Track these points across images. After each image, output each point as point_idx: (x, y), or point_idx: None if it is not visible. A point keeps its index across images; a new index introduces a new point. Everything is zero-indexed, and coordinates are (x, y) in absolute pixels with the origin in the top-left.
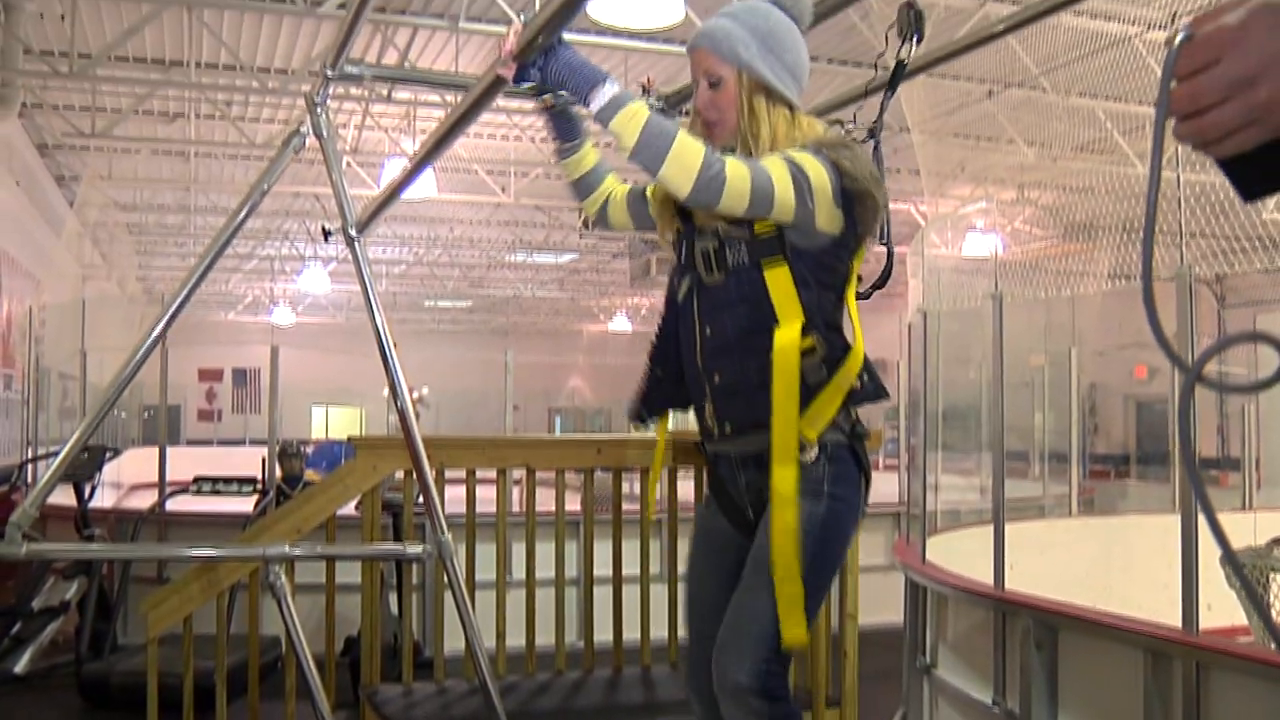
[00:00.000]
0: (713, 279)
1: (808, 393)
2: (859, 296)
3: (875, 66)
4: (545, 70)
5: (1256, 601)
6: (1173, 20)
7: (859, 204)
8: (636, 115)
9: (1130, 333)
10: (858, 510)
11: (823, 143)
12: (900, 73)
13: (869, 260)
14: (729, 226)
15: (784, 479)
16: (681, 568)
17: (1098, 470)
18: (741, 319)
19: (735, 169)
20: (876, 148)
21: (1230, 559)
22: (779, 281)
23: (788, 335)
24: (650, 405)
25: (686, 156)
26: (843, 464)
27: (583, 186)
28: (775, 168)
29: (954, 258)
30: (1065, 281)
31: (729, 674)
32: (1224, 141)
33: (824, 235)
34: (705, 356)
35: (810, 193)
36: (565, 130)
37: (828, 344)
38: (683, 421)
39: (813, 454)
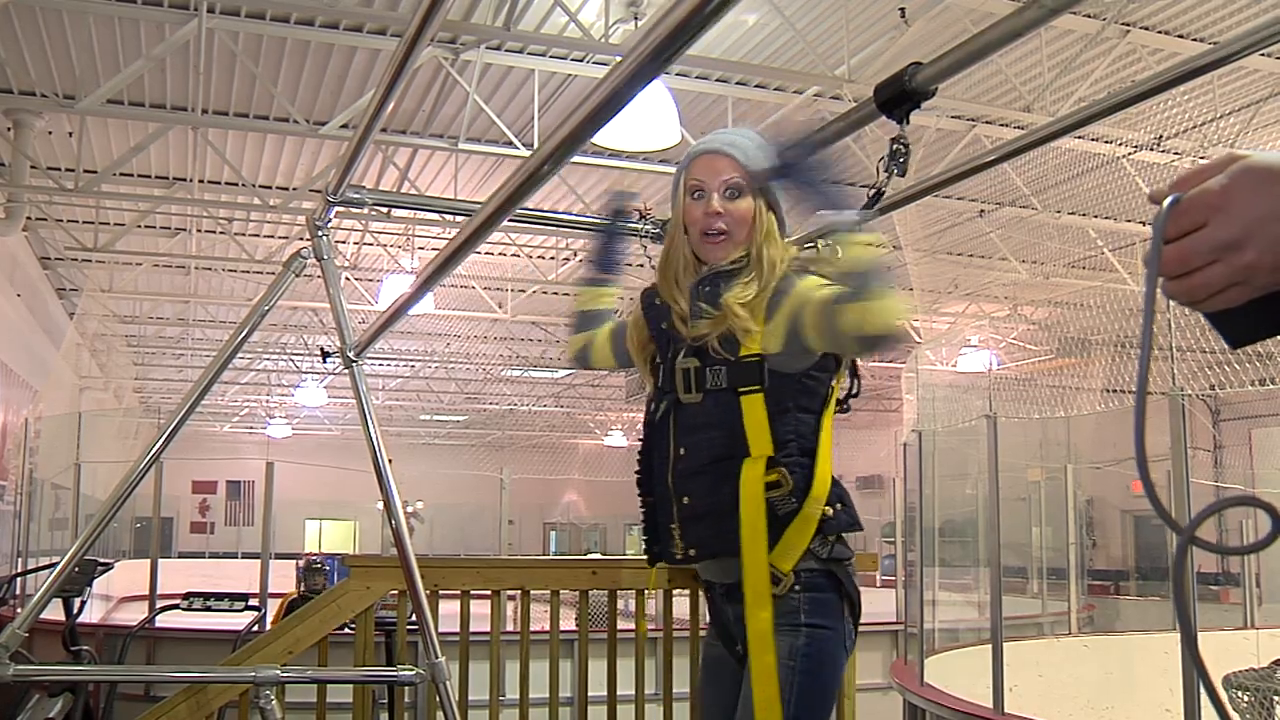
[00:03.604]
0: (690, 398)
1: (778, 524)
2: (837, 411)
3: (867, 191)
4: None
5: None
6: (1159, 142)
7: None
8: (879, 246)
9: (1126, 448)
10: (844, 637)
11: (806, 262)
12: (877, 200)
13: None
14: (716, 346)
15: (760, 620)
16: (677, 688)
17: (1097, 586)
18: (716, 443)
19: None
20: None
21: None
22: (754, 410)
23: (753, 470)
24: (659, 529)
25: (897, 307)
26: (819, 591)
27: (586, 320)
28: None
29: (949, 374)
30: (1060, 396)
31: None
32: (1211, 300)
33: (809, 355)
34: (676, 477)
35: (801, 323)
36: (609, 264)
37: (797, 475)
38: None
39: (786, 586)
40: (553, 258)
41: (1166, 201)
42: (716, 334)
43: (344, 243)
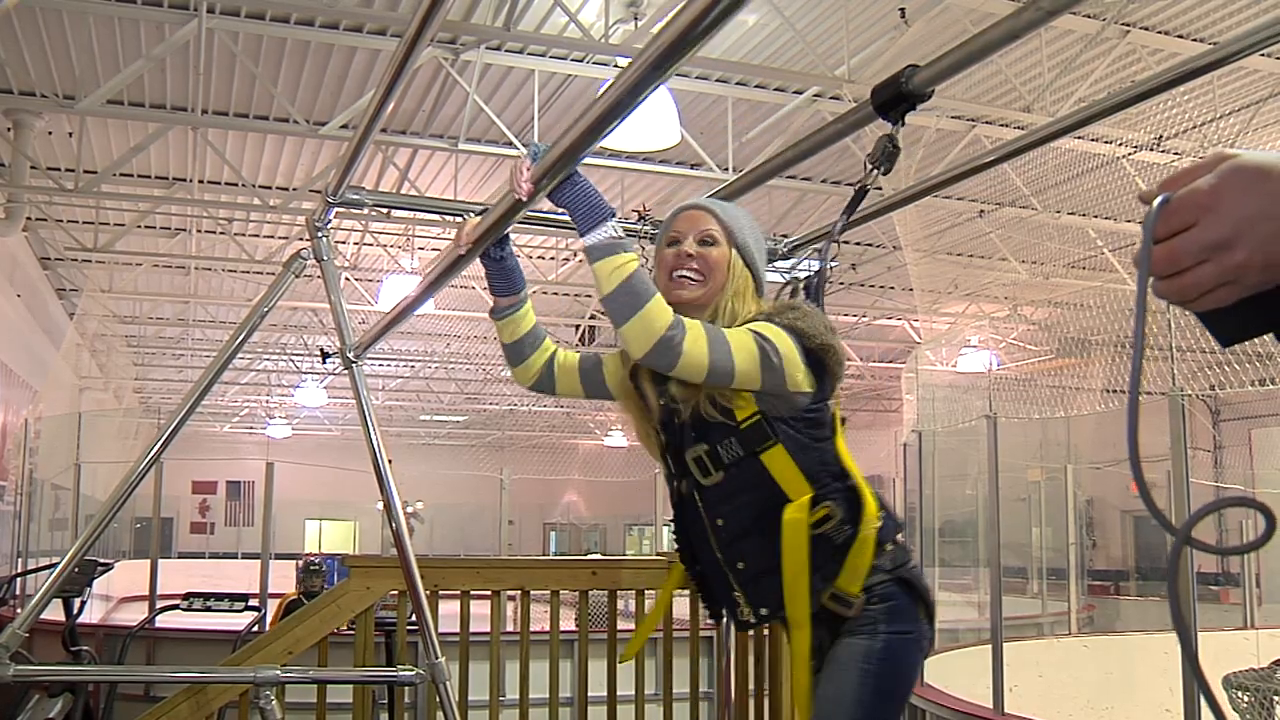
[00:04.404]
0: (712, 479)
1: (840, 554)
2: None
3: (853, 190)
4: (556, 194)
5: None
6: (1159, 143)
7: (825, 356)
8: (625, 265)
9: (1125, 448)
10: (921, 639)
11: (772, 313)
12: (859, 199)
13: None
14: (710, 410)
15: (801, 640)
16: (677, 689)
17: (1096, 586)
18: (753, 505)
19: (695, 343)
20: (822, 268)
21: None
22: (778, 462)
23: (795, 513)
24: (719, 596)
25: (654, 320)
26: (895, 599)
27: (518, 350)
28: (736, 338)
29: (949, 374)
30: (1060, 396)
31: None
32: (1202, 299)
33: (802, 395)
34: (723, 546)
35: (778, 356)
36: (506, 285)
37: (843, 502)
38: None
39: (859, 605)
40: (552, 258)
41: (1156, 201)
42: (696, 399)
43: (344, 243)
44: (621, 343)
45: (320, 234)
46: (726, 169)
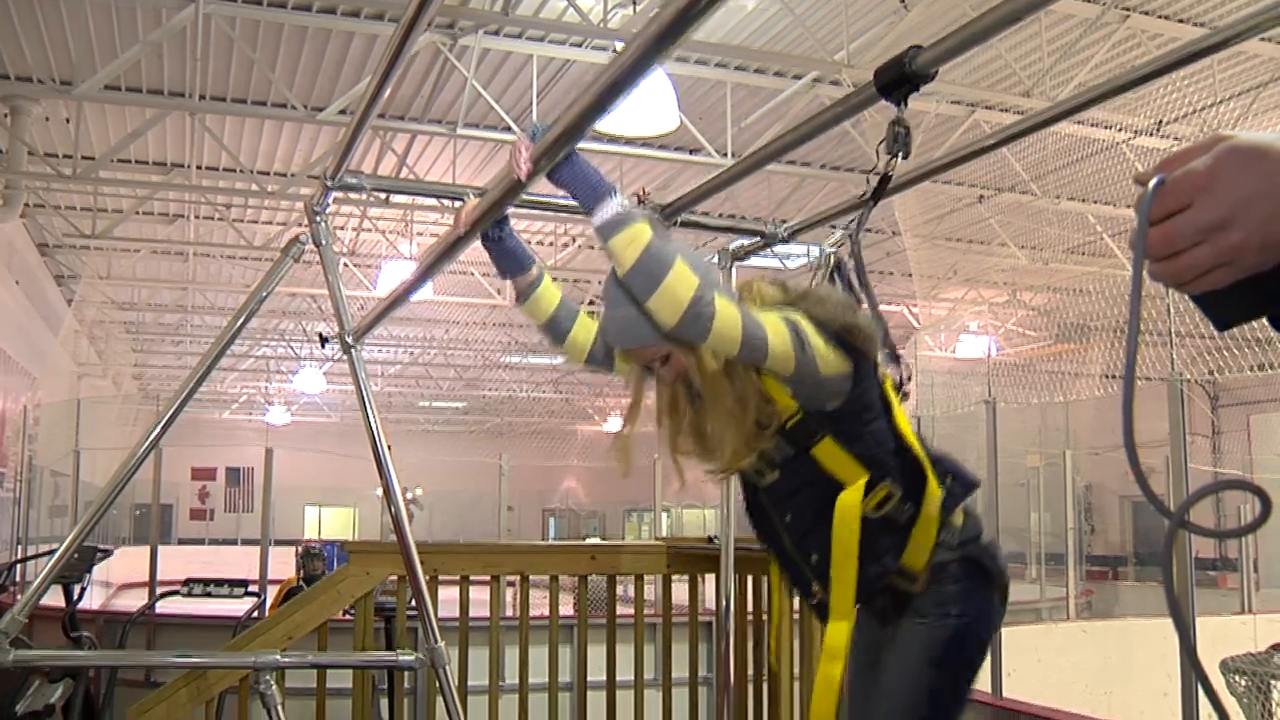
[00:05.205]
0: (769, 479)
1: (902, 534)
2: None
3: (867, 177)
4: (555, 176)
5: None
6: (1159, 128)
7: (849, 337)
8: (639, 237)
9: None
10: (990, 619)
11: (784, 303)
12: (884, 187)
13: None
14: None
15: (836, 634)
16: (676, 674)
17: (1095, 571)
18: (815, 498)
19: (727, 311)
20: (857, 258)
21: (1209, 695)
22: (830, 454)
23: (849, 497)
24: (800, 587)
25: (679, 289)
26: (963, 581)
27: (556, 328)
28: (767, 318)
29: (948, 359)
30: (1059, 382)
31: None
32: (1198, 281)
33: (838, 378)
34: (795, 540)
35: (805, 340)
36: (513, 264)
37: (903, 480)
38: (676, 525)
39: (923, 582)
40: (551, 243)
41: (1151, 183)
42: (749, 425)
43: (342, 229)
44: (658, 319)
45: (319, 218)
46: (725, 154)
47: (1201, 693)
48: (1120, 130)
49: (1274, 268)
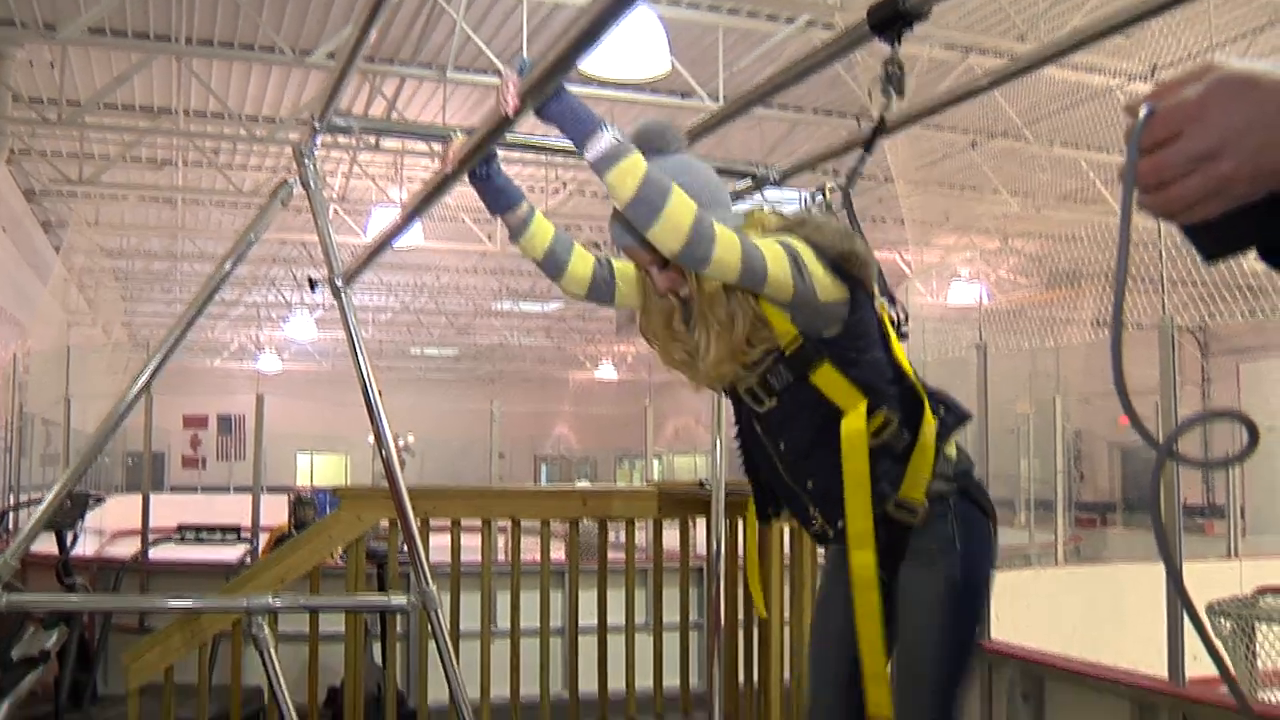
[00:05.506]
0: (767, 406)
1: (900, 462)
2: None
3: (858, 120)
4: (544, 112)
5: (1215, 657)
6: (1153, 73)
7: (846, 264)
8: (635, 167)
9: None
10: (992, 554)
11: (783, 228)
12: (880, 130)
13: None
14: (760, 359)
15: (863, 564)
16: (667, 618)
17: (1084, 518)
18: (811, 424)
19: (727, 237)
20: (846, 199)
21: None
22: (829, 379)
23: (853, 423)
24: (771, 508)
25: (679, 216)
26: (965, 514)
27: (553, 261)
28: (767, 245)
29: (939, 306)
30: (1050, 329)
31: None
32: (1188, 212)
33: (836, 305)
34: (790, 468)
35: (803, 266)
36: (502, 201)
37: (900, 408)
38: (668, 471)
39: (924, 514)
40: (542, 189)
41: (1142, 112)
42: (738, 339)
43: (332, 174)
44: (663, 249)
45: (307, 161)
46: (717, 99)
47: (1188, 633)
48: (1114, 75)
49: (1263, 198)
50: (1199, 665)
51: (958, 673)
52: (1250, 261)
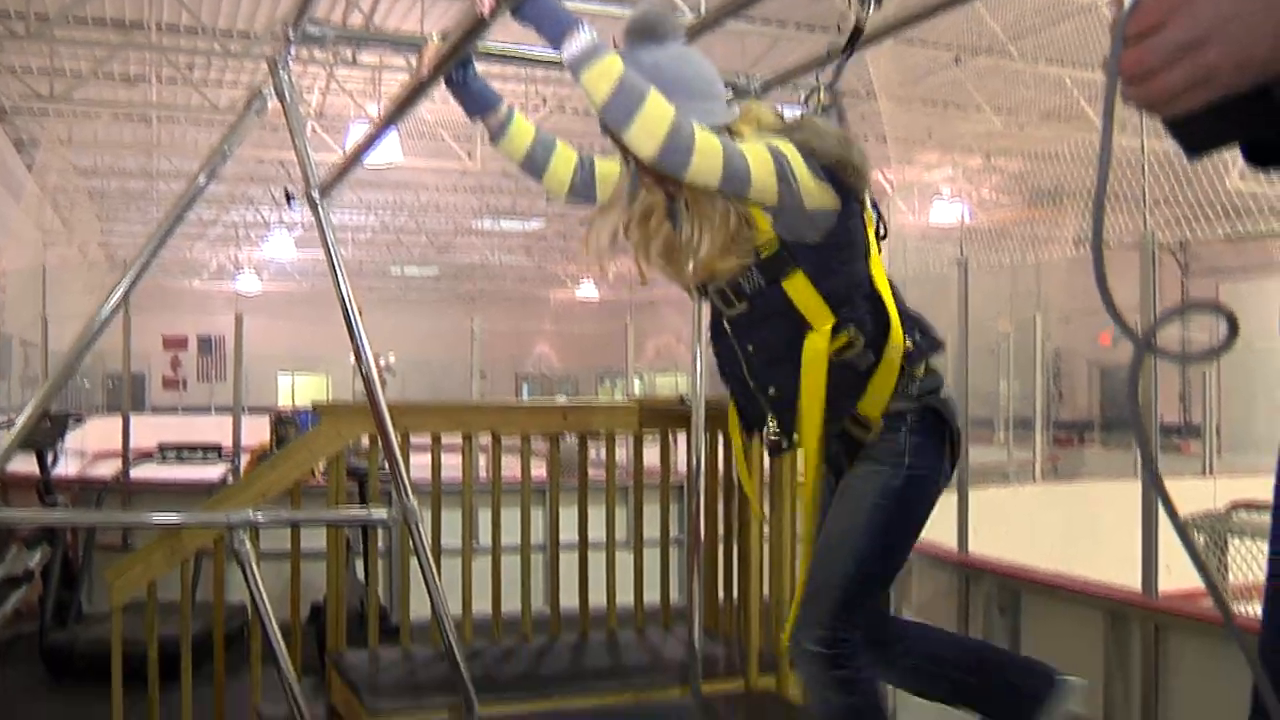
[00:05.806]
0: (735, 310)
1: (862, 380)
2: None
3: (838, 28)
4: (521, 12)
5: (1201, 566)
6: None
7: (840, 172)
8: (610, 69)
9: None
10: (940, 475)
11: (780, 131)
12: (858, 37)
13: None
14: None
15: (807, 463)
16: (648, 534)
17: (1062, 437)
18: (778, 331)
19: (707, 140)
20: (838, 108)
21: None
22: (800, 289)
23: (815, 343)
24: (755, 422)
25: (655, 117)
26: (921, 435)
27: (534, 162)
28: (751, 149)
29: (921, 225)
30: (1031, 247)
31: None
32: (1172, 104)
33: (822, 213)
34: (754, 373)
35: (791, 171)
36: (480, 104)
37: (867, 328)
38: (650, 389)
39: (877, 430)
40: (522, 105)
41: (1127, 0)
42: (731, 235)
43: (309, 91)
44: (636, 151)
45: (281, 71)
46: (697, 10)
47: (1162, 546)
48: None
49: (1248, 91)
50: (1172, 578)
51: (871, 577)
52: (1233, 180)
